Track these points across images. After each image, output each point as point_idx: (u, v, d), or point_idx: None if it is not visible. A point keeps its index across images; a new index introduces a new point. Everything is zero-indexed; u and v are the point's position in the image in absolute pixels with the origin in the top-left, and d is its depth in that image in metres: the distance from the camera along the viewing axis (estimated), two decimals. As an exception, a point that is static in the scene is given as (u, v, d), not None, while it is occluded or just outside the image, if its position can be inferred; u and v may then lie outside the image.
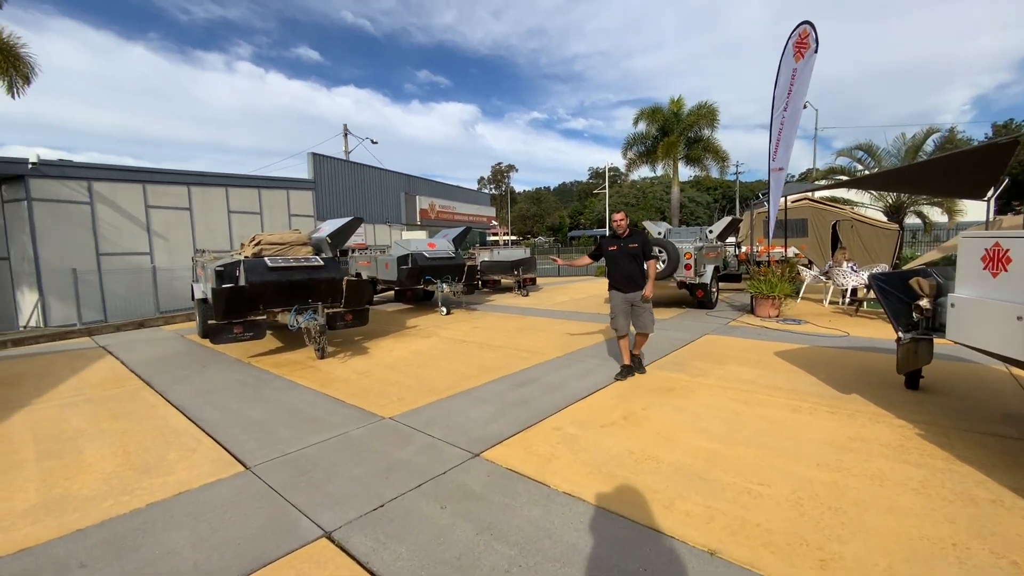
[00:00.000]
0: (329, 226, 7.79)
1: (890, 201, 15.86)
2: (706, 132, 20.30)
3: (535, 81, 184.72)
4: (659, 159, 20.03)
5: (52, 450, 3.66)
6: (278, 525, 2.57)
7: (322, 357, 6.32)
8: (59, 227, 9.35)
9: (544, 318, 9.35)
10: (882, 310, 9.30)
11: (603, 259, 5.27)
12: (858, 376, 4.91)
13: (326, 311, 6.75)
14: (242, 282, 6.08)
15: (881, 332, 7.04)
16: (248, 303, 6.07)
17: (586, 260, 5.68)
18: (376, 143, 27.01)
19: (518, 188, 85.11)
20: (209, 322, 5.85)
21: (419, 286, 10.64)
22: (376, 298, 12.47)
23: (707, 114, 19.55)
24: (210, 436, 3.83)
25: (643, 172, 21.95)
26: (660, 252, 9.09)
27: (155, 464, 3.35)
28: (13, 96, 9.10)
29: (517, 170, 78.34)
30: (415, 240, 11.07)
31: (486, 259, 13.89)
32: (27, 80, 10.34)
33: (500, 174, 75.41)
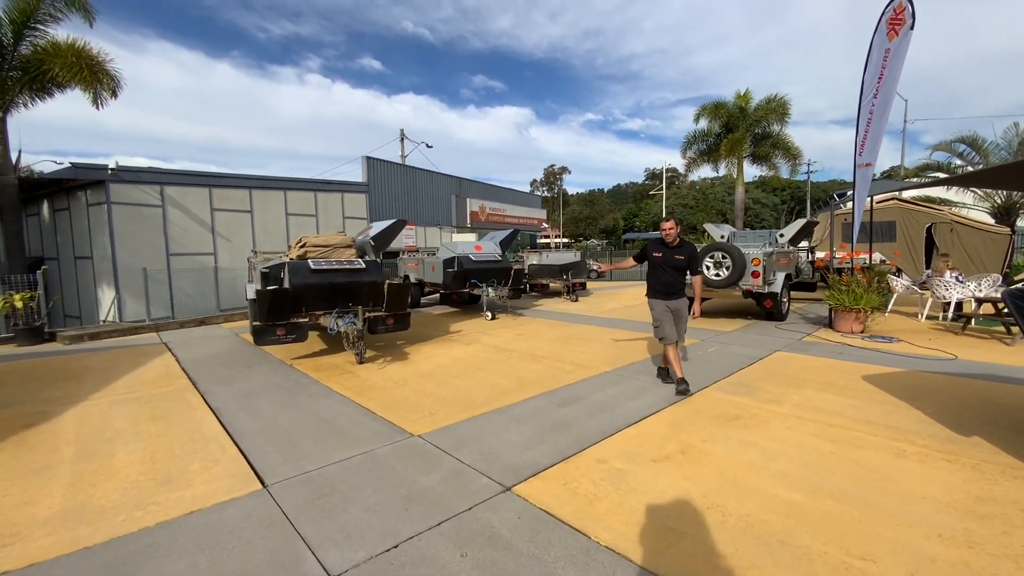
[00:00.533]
0: (377, 228, 7.73)
1: (999, 201, 13.84)
2: (775, 128, 18.78)
3: (590, 82, 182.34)
4: (722, 157, 18.73)
5: (88, 451, 3.66)
6: (280, 562, 2.30)
7: (361, 362, 6.19)
8: (134, 229, 10.00)
9: (593, 326, 8.81)
10: (996, 329, 7.97)
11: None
12: (979, 412, 4.03)
13: (367, 315, 6.63)
14: (286, 284, 6.06)
15: (1001, 356, 5.93)
16: (291, 305, 6.04)
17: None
18: (431, 147, 27.39)
19: (571, 190, 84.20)
20: (253, 323, 5.87)
21: (464, 289, 10.43)
22: (423, 300, 12.42)
23: (777, 108, 18.06)
24: (236, 445, 3.70)
25: (704, 172, 20.78)
26: (724, 258, 8.30)
27: (177, 474, 3.23)
28: (97, 107, 9.82)
29: (570, 172, 77.54)
30: (462, 242, 10.88)
31: (535, 263, 13.50)
32: (114, 93, 11.17)
33: (553, 176, 74.85)
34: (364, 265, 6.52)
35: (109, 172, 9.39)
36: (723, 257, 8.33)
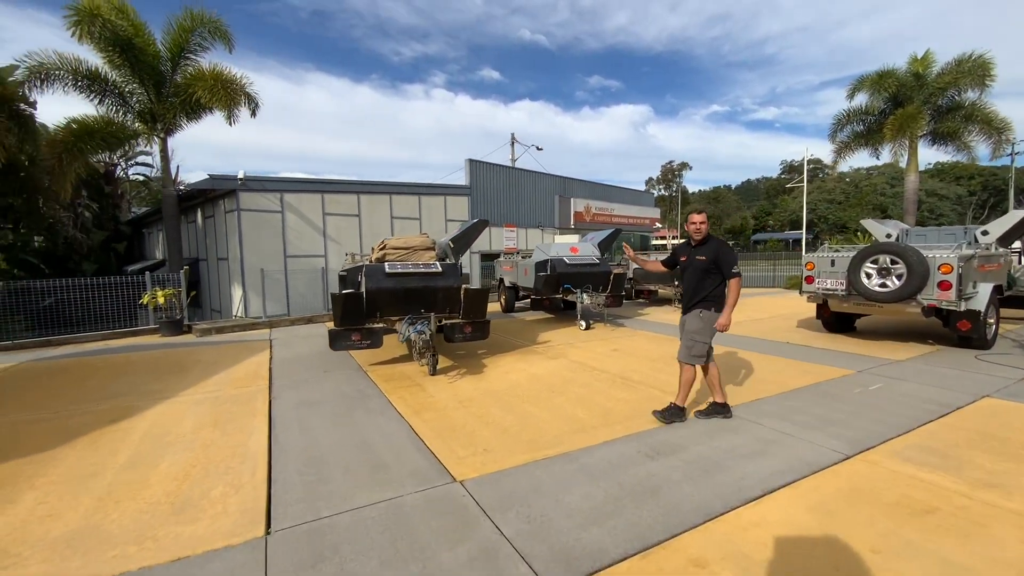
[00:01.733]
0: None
1: None
2: (969, 96, 14.66)
3: (716, 72, 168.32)
4: (886, 139, 15.13)
5: (140, 457, 3.59)
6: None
7: (433, 373, 5.71)
8: (258, 233, 11.00)
9: (707, 344, 7.33)
10: None
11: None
12: None
13: (444, 321, 6.15)
14: (362, 288, 5.83)
15: None
16: (365, 310, 5.78)
17: (658, 265, 4.67)
18: (541, 150, 27.06)
19: (691, 188, 78.13)
20: (329, 328, 5.74)
21: (557, 295, 9.57)
22: (517, 305, 11.85)
23: (974, 70, 14.01)
24: (269, 468, 3.34)
25: (858, 160, 17.05)
26: (894, 263, 6.28)
27: (195, 500, 2.92)
28: (230, 123, 10.94)
29: (691, 168, 71.99)
30: (557, 244, 10.05)
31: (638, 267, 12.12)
32: (253, 112, 12.46)
33: (671, 173, 70.14)
34: (441, 268, 6.05)
35: (239, 182, 10.39)
36: (892, 262, 6.31)
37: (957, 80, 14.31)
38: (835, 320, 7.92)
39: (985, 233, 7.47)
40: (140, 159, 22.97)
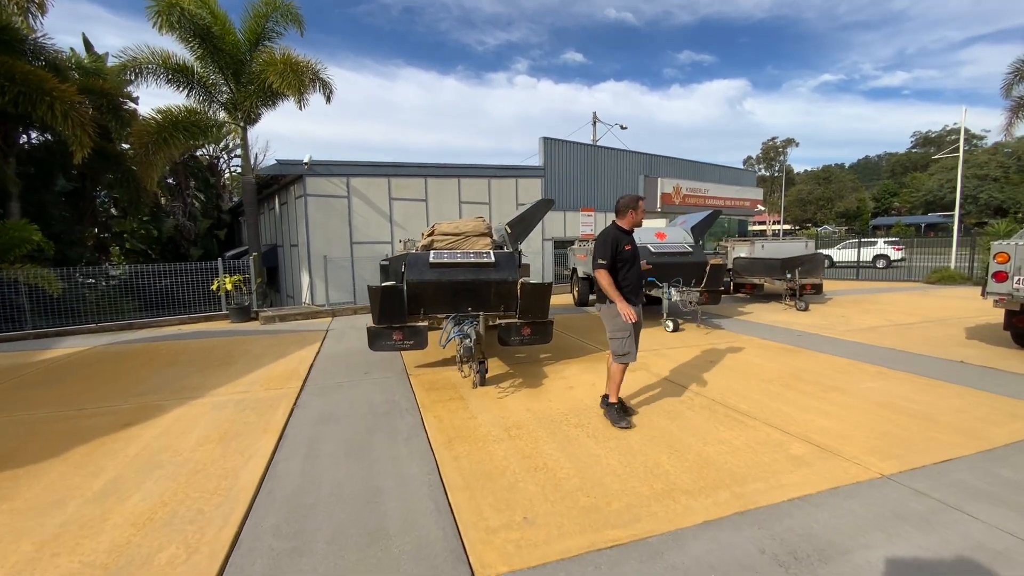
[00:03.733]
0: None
1: None
2: None
3: (828, 36, 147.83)
4: (1098, 87, 11.38)
5: (119, 482, 3.03)
6: None
7: (482, 383, 4.77)
8: (325, 219, 10.83)
9: (838, 357, 5.60)
10: None
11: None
12: None
13: (499, 321, 5.16)
14: (404, 280, 5.01)
15: None
16: (407, 305, 4.96)
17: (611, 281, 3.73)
18: (625, 128, 25.06)
19: (797, 168, 69.75)
20: (368, 326, 5.01)
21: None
22: (591, 298, 10.57)
23: None
24: (241, 523, 2.57)
25: None
26: None
27: (138, 562, 2.22)
28: (300, 107, 10.77)
29: (797, 144, 64.20)
30: (643, 229, 8.59)
31: (743, 255, 10.22)
32: (328, 99, 12.35)
33: (774, 151, 63.06)
34: (494, 259, 5.04)
35: (305, 166, 10.20)
36: None
37: None
38: (1035, 333, 5.73)
39: None
40: (240, 151, 24.74)
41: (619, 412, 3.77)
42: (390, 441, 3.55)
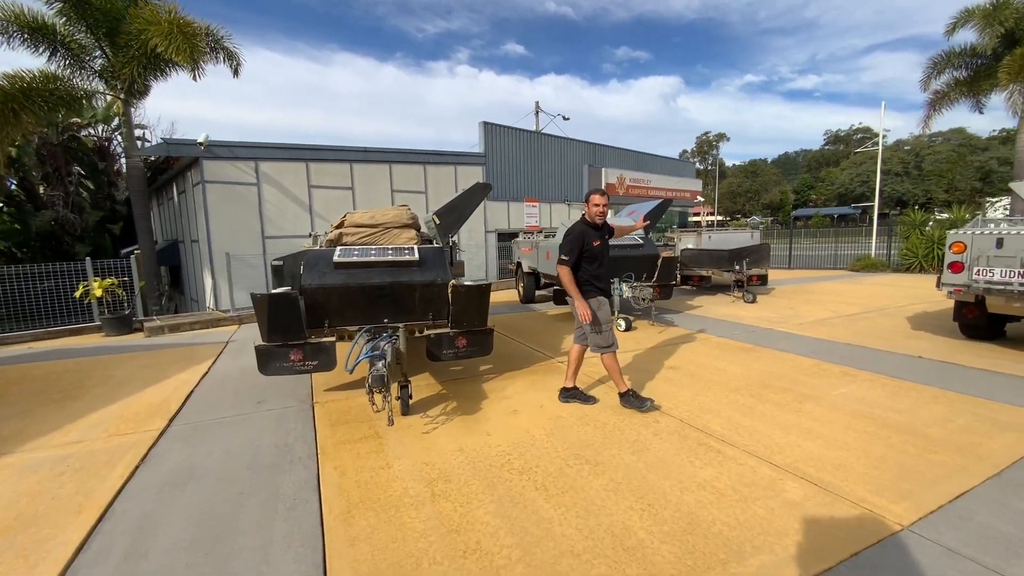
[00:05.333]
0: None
1: None
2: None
3: (750, 39, 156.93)
4: (1003, 83, 12.10)
5: None
6: None
7: (405, 412, 3.85)
8: (229, 209, 9.31)
9: (800, 356, 5.19)
10: None
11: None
12: None
13: (426, 332, 4.23)
14: (301, 284, 3.94)
15: None
16: (308, 316, 3.91)
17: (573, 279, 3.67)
18: (568, 119, 24.51)
19: (728, 162, 73.38)
20: (256, 345, 3.92)
21: (589, 285, 7.51)
22: (538, 294, 9.85)
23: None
24: None
25: (957, 117, 13.85)
26: None
27: None
28: (195, 78, 9.14)
29: (728, 139, 67.38)
30: (588, 220, 7.94)
31: (691, 247, 9.89)
32: (236, 72, 10.70)
33: (707, 145, 65.85)
34: (417, 256, 4.09)
35: (200, 147, 8.63)
36: None
37: (1103, 5, 11.13)
38: (984, 324, 5.62)
39: None
40: (136, 133, 21.65)
41: (636, 397, 3.76)
42: (265, 516, 2.55)
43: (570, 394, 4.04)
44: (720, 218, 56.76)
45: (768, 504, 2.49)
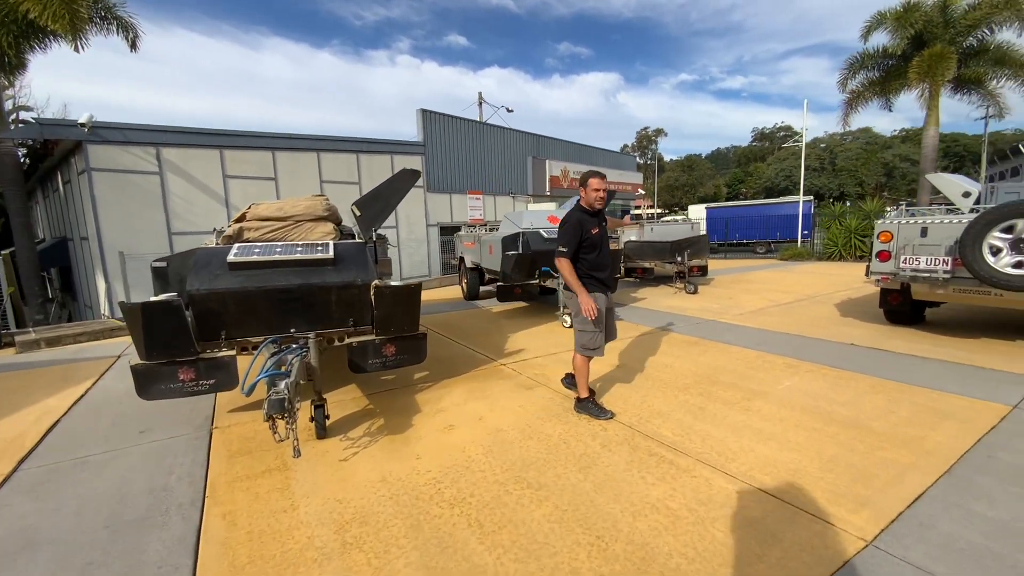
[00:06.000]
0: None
1: None
2: (1001, 37, 12.66)
3: (684, 40, 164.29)
4: (912, 83, 13.08)
5: None
6: None
7: (321, 434, 3.32)
8: (123, 202, 8.13)
9: (745, 349, 5.14)
10: None
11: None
12: None
13: (347, 341, 3.69)
14: (191, 290, 3.28)
15: None
16: (200, 327, 3.27)
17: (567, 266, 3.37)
18: (512, 111, 24.08)
19: (666, 156, 76.21)
20: (131, 364, 3.22)
21: (533, 280, 7.20)
22: (482, 291, 9.44)
23: (1009, 3, 11.95)
24: None
25: (864, 117, 14.91)
26: None
27: None
28: (77, 49, 7.84)
29: (666, 134, 69.91)
30: (531, 212, 7.62)
31: (634, 239, 9.85)
32: (134, 45, 9.44)
33: (646, 140, 67.94)
34: (332, 253, 3.53)
35: (83, 129, 7.41)
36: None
37: (990, 15, 12.24)
38: (907, 310, 5.85)
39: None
40: (24, 116, 18.92)
41: (596, 405, 3.52)
42: (115, 595, 1.97)
43: (584, 405, 3.57)
44: (659, 211, 58.90)
45: (727, 525, 2.23)
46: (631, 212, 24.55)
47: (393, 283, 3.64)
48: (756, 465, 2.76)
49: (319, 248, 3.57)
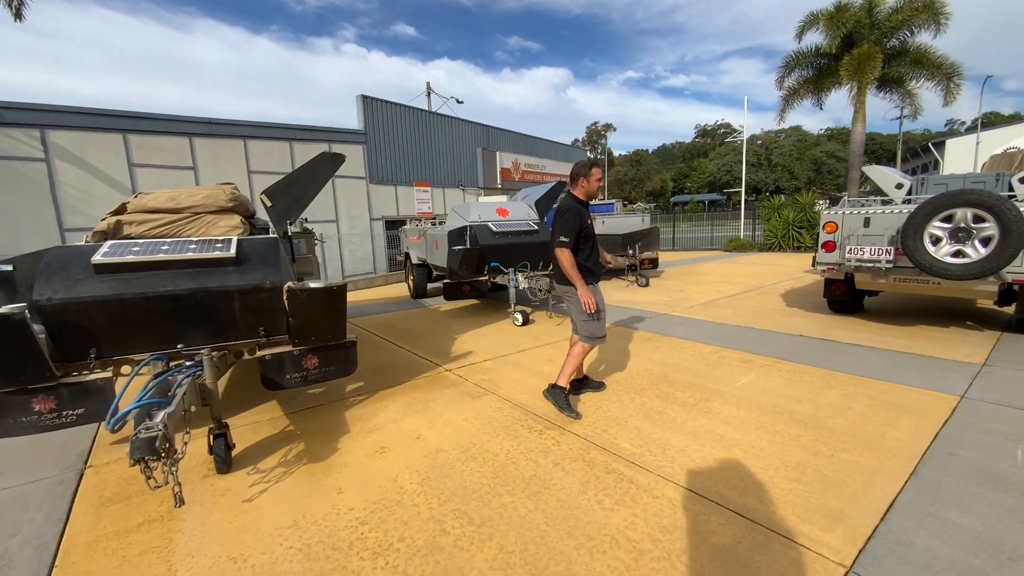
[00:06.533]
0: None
1: None
2: (921, 39, 13.50)
3: (630, 38, 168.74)
4: (843, 81, 13.72)
5: None
6: None
7: (223, 468, 2.78)
8: (0, 194, 6.91)
9: (699, 344, 5.00)
10: None
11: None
12: None
13: (259, 354, 3.13)
14: (40, 299, 2.62)
15: None
16: (58, 345, 2.62)
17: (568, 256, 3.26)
18: (462, 103, 23.40)
19: (615, 151, 77.80)
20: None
21: (482, 276, 6.80)
22: (430, 287, 8.92)
23: (927, 8, 12.75)
24: None
25: (795, 116, 15.60)
26: (980, 222, 4.22)
27: None
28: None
29: (615, 129, 71.31)
30: (479, 204, 7.20)
31: (585, 232, 9.61)
32: (17, 14, 8.14)
33: (596, 135, 68.97)
34: (234, 251, 2.96)
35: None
36: (976, 220, 4.23)
37: (911, 18, 13.01)
38: (849, 299, 5.94)
39: (1028, 180, 5.71)
40: None
41: (567, 401, 3.36)
42: None
43: (555, 394, 3.45)
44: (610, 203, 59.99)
45: (696, 559, 1.94)
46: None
47: (313, 284, 3.12)
48: (722, 478, 2.51)
49: (218, 245, 2.99)
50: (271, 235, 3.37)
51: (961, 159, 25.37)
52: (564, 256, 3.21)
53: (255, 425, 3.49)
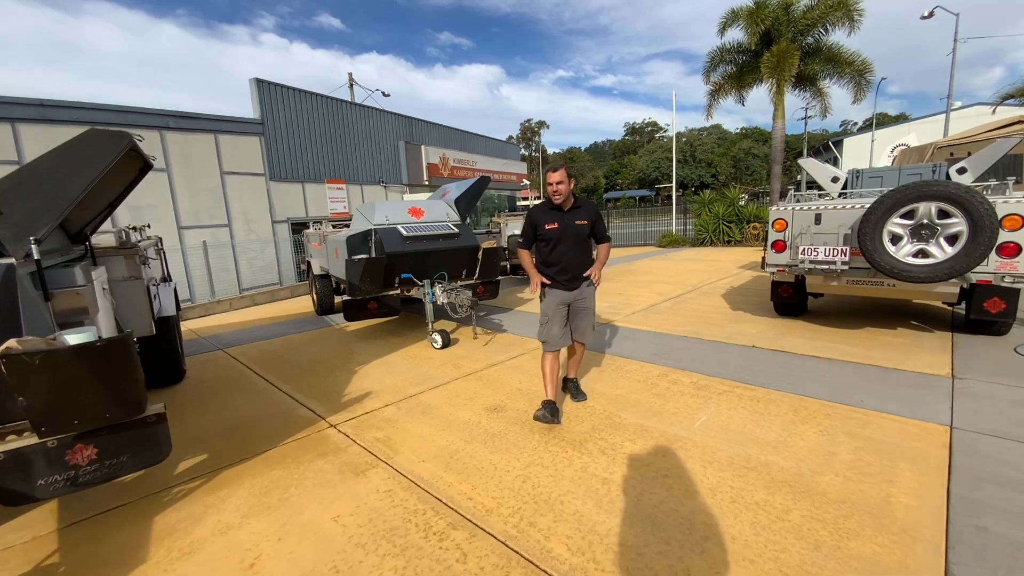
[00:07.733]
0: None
1: None
2: (834, 37, 13.96)
3: (559, 37, 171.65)
4: (764, 77, 13.89)
5: None
6: None
7: None
8: None
9: (647, 364, 4.25)
10: None
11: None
12: None
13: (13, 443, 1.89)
14: None
15: None
16: None
17: (527, 257, 3.42)
18: (388, 95, 21.72)
19: (549, 149, 78.37)
20: None
21: (392, 290, 5.67)
22: (338, 300, 7.63)
23: (841, 4, 13.13)
24: None
25: (722, 112, 15.80)
26: (946, 217, 3.77)
27: None
28: None
29: (549, 127, 71.73)
30: (389, 204, 6.04)
31: (517, 234, 8.76)
32: None
33: (530, 132, 68.87)
34: None
35: None
36: (941, 215, 3.79)
37: (826, 15, 13.38)
38: (796, 302, 5.51)
39: (963, 171, 5.53)
40: None
41: (548, 412, 3.14)
42: None
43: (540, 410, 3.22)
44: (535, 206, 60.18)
45: None
46: (517, 204, 23.90)
47: (71, 337, 1.94)
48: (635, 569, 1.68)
49: None
50: (5, 263, 2.11)
51: (857, 156, 27.43)
52: (522, 256, 3.43)
53: (2, 553, 2.23)
